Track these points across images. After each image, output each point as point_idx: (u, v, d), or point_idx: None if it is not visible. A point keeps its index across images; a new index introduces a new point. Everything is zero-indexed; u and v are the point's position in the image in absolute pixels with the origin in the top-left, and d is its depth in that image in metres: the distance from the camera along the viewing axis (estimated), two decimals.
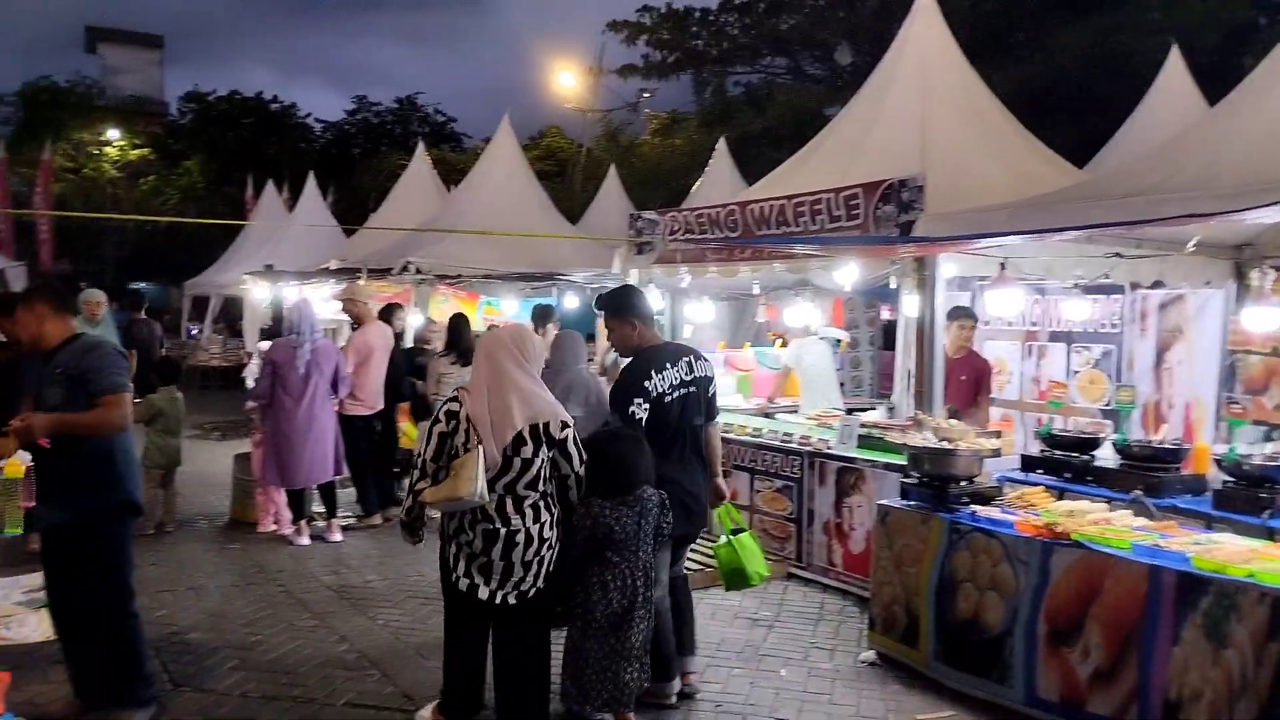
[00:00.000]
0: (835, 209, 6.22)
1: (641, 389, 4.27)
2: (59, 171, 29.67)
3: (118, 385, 4.00)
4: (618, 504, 3.90)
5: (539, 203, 13.18)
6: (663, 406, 4.32)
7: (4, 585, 5.89)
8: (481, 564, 3.83)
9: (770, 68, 22.04)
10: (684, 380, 4.43)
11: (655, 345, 4.56)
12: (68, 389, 3.97)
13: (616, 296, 4.69)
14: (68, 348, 4.08)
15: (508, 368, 3.91)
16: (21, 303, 4.25)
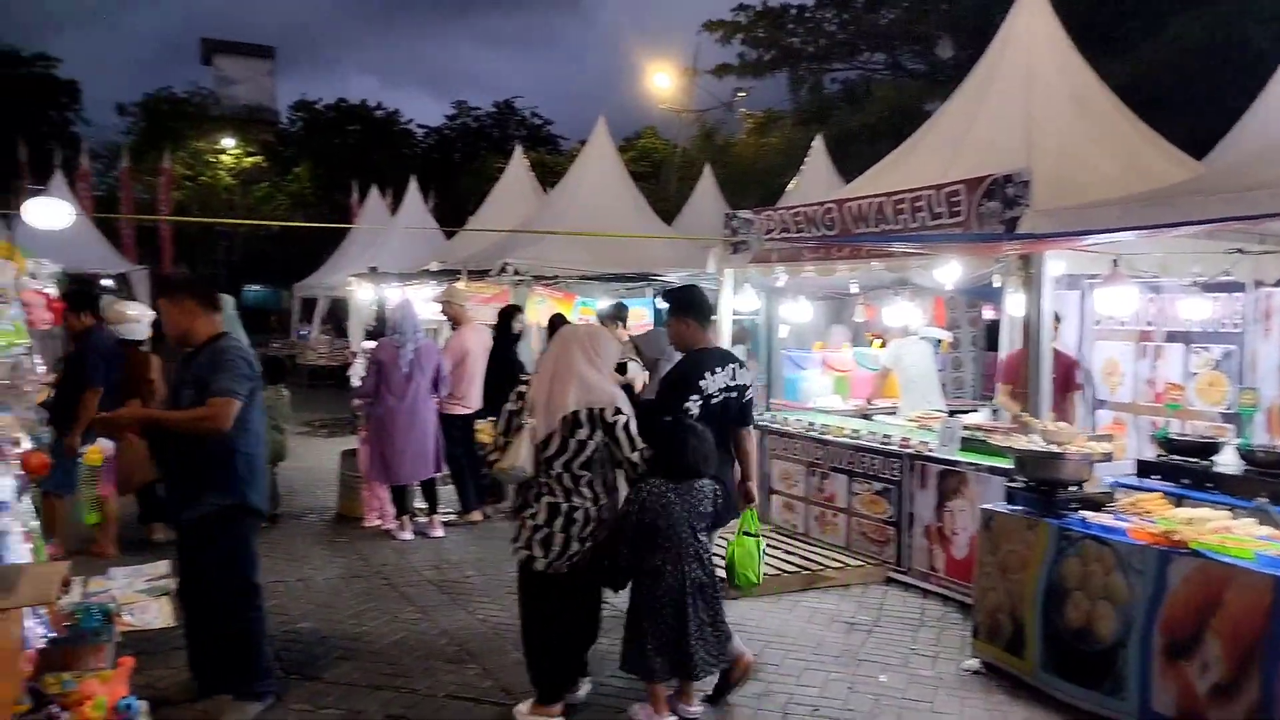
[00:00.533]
0: (936, 206, 6.08)
1: (696, 387, 4.49)
2: (178, 179, 31.07)
3: (225, 390, 4.06)
4: (671, 489, 4.12)
5: (634, 203, 13.22)
6: (709, 406, 4.52)
7: (127, 574, 6.18)
8: (542, 537, 4.13)
9: (868, 64, 21.67)
10: (728, 385, 4.63)
11: (707, 347, 4.75)
12: (196, 392, 4.12)
13: (681, 294, 4.88)
14: (208, 348, 4.20)
15: (575, 358, 4.20)
16: (168, 298, 4.33)
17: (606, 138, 13.70)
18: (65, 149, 27.27)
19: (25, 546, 3.87)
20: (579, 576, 4.19)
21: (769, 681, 4.76)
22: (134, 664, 4.09)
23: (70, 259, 18.89)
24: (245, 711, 4.20)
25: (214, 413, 4.03)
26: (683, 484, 4.15)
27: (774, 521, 7.65)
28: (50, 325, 4.51)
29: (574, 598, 4.26)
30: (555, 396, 4.15)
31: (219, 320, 4.35)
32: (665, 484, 4.14)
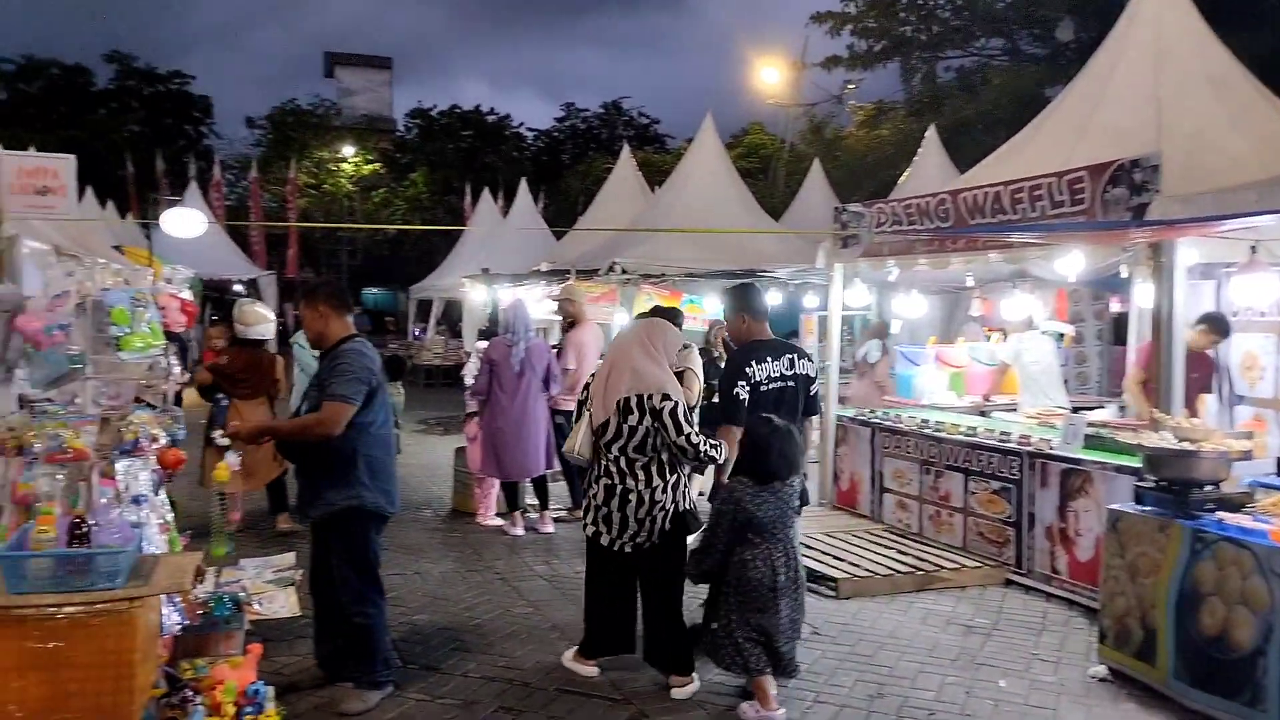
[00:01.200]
0: (1057, 194, 5.83)
1: (744, 374, 4.72)
2: (302, 188, 32.40)
3: (337, 395, 4.16)
4: (762, 489, 4.24)
5: (741, 200, 13.14)
6: (759, 394, 4.69)
7: (257, 565, 6.48)
8: (604, 514, 4.52)
9: (984, 50, 21.00)
10: (783, 374, 4.81)
11: (762, 340, 4.95)
12: (320, 392, 4.27)
13: (736, 293, 5.16)
14: (334, 350, 4.35)
15: (632, 349, 4.59)
16: (305, 302, 4.50)
17: (713, 135, 13.64)
18: (199, 161, 28.82)
19: (161, 537, 4.09)
20: (640, 556, 4.49)
21: (881, 683, 4.66)
22: (262, 651, 4.28)
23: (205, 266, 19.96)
24: (366, 700, 4.33)
25: (324, 418, 4.15)
26: (768, 485, 4.25)
27: (886, 520, 7.48)
28: (184, 328, 4.74)
29: (630, 574, 4.61)
30: (610, 385, 4.51)
31: (350, 322, 4.50)
32: (748, 486, 4.26)
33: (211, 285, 22.09)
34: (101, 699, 2.98)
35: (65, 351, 3.87)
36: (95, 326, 3.97)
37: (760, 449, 4.28)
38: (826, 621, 5.56)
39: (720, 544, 4.27)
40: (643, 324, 4.89)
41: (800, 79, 24.77)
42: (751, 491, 4.23)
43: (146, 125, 36.58)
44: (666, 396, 4.43)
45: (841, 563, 6.41)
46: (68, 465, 3.50)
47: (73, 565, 3.06)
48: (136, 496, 3.95)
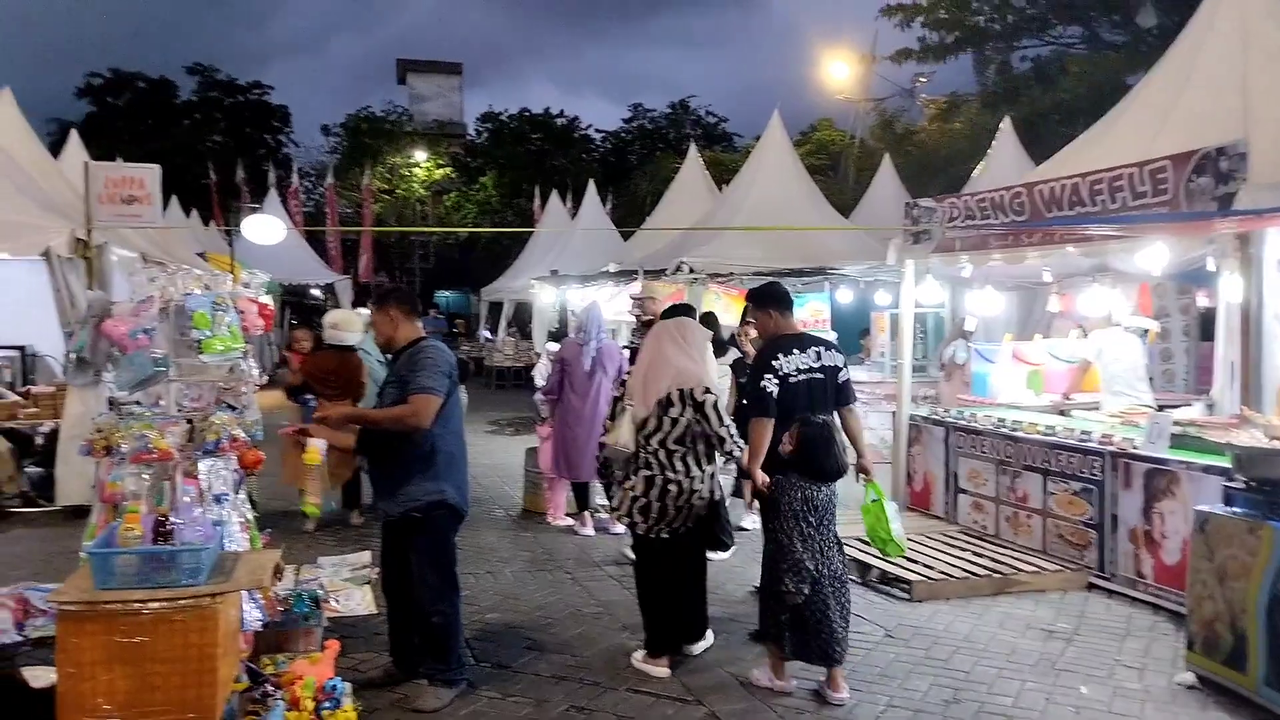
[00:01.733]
0: (1139, 184, 5.64)
1: (771, 367, 4.81)
2: (376, 193, 33.05)
3: (424, 388, 4.26)
4: (822, 486, 4.46)
5: (810, 197, 13.02)
6: (789, 386, 4.78)
7: (334, 563, 6.61)
8: (641, 505, 4.71)
9: (1061, 38, 20.43)
10: (811, 366, 4.88)
11: (789, 333, 5.05)
12: (399, 390, 4.35)
13: (762, 289, 5.29)
14: (409, 349, 4.45)
15: (666, 347, 4.86)
16: (377, 305, 4.63)
17: (781, 132, 13.55)
18: (278, 169, 29.61)
19: (242, 535, 4.19)
20: (681, 544, 4.73)
21: (957, 688, 4.56)
22: (339, 647, 4.37)
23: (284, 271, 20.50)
24: (440, 697, 4.39)
25: (415, 409, 4.23)
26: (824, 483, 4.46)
27: (961, 522, 7.33)
28: (262, 331, 4.86)
29: (677, 563, 4.81)
30: (651, 381, 4.77)
31: (420, 327, 4.60)
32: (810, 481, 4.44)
33: (289, 290, 22.68)
34: (185, 692, 3.07)
35: (150, 355, 3.99)
36: (178, 330, 4.08)
37: (815, 451, 4.42)
38: (900, 624, 5.47)
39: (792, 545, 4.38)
40: (673, 322, 5.07)
41: (870, 73, 24.43)
42: (806, 482, 4.44)
43: (228, 135, 37.74)
44: (708, 390, 4.76)
45: (915, 565, 6.29)
46: (153, 465, 3.62)
47: (158, 562, 3.16)
48: (218, 495, 4.06)
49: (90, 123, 33.42)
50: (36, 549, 7.13)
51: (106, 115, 35.99)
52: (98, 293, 7.06)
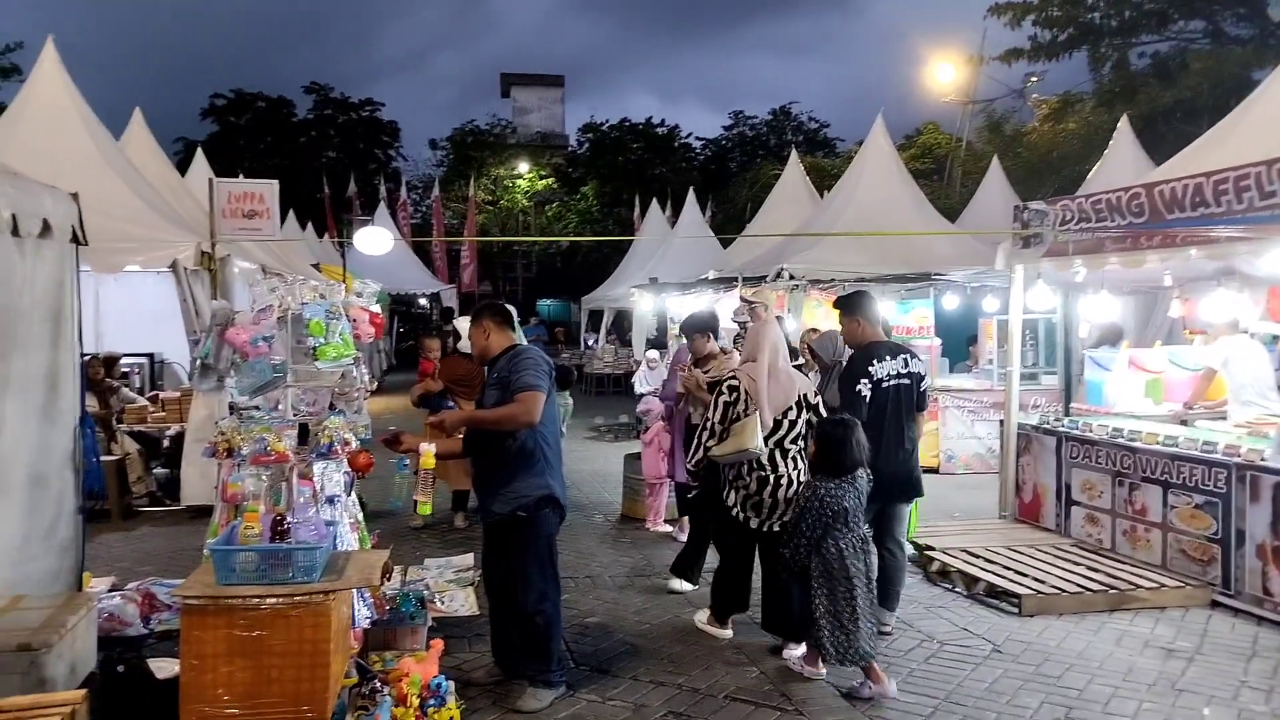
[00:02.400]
0: (1267, 183, 5.36)
1: (866, 372, 5.18)
2: (480, 204, 33.78)
3: (529, 384, 4.34)
4: (842, 482, 4.57)
5: (914, 201, 12.77)
6: (880, 390, 5.17)
7: (439, 565, 6.78)
8: (755, 503, 5.01)
9: (1183, 33, 19.57)
10: (899, 373, 5.25)
11: (877, 341, 5.40)
12: (500, 392, 4.45)
13: (850, 299, 5.54)
14: (505, 355, 4.58)
15: (781, 356, 5.12)
16: (472, 320, 4.80)
17: (884, 136, 13.33)
18: (388, 183, 30.57)
19: (352, 536, 4.34)
20: (775, 535, 4.94)
21: (1070, 706, 4.40)
22: (444, 646, 4.47)
23: (393, 281, 21.15)
24: (541, 698, 4.44)
25: (523, 407, 4.32)
26: (844, 478, 4.58)
27: (1074, 535, 7.06)
28: (373, 339, 5.03)
29: (764, 549, 5.14)
30: (774, 390, 4.99)
31: (512, 336, 4.74)
32: (828, 482, 4.58)
33: (397, 299, 23.37)
34: (300, 685, 3.19)
35: (269, 361, 4.17)
36: (295, 338, 4.25)
37: (836, 446, 4.60)
38: (1009, 639, 5.30)
39: (805, 536, 4.58)
40: (775, 333, 5.22)
41: (977, 75, 23.84)
42: (833, 484, 4.56)
43: (341, 150, 39.13)
44: (817, 393, 5.17)
45: (1024, 578, 6.09)
46: (271, 467, 3.78)
47: (275, 559, 3.30)
48: (331, 496, 4.21)
49: (214, 141, 35.06)
50: (162, 547, 7.50)
51: (229, 133, 37.71)
52: (221, 302, 7.43)
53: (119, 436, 8.85)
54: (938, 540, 6.98)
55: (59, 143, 8.59)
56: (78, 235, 4.57)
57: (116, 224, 8.09)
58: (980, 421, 10.78)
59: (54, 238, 4.37)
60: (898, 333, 11.52)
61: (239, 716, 3.17)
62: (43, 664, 3.56)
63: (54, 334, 4.41)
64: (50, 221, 4.29)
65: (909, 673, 4.84)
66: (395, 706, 3.72)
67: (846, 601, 4.47)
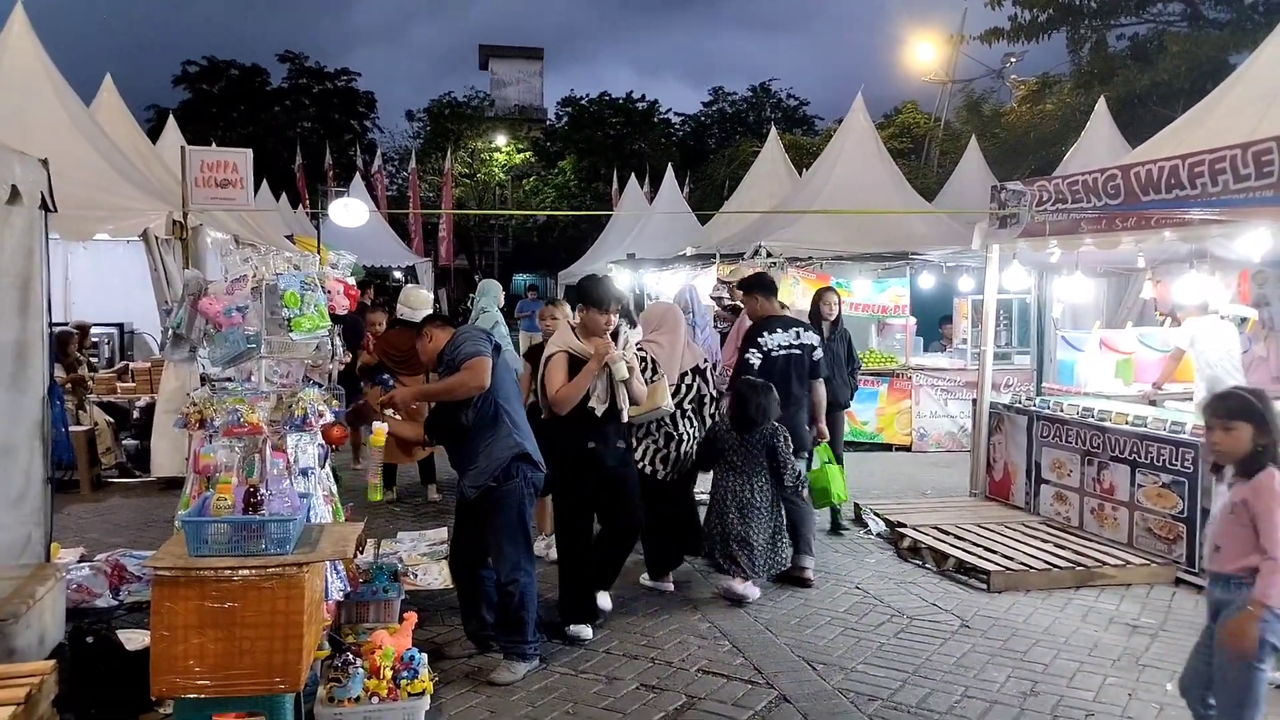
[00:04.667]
0: (1242, 167, 5.40)
1: (756, 343, 5.99)
2: (457, 177, 33.50)
3: (470, 353, 4.42)
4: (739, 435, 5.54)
5: (892, 181, 12.78)
6: (770, 359, 5.95)
7: (412, 538, 6.78)
8: (663, 456, 5.67)
9: (1161, 16, 19.65)
10: (791, 344, 6.05)
11: (772, 314, 6.23)
12: (450, 371, 4.50)
13: (752, 279, 6.50)
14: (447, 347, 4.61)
15: (683, 329, 5.96)
16: (419, 331, 4.86)
17: (864, 115, 13.32)
18: (364, 154, 30.24)
19: (326, 508, 4.32)
20: (680, 485, 5.76)
21: (1035, 680, 4.47)
22: (417, 619, 4.47)
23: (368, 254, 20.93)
24: (514, 671, 4.46)
25: (469, 373, 4.39)
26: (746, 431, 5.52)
27: (1043, 513, 7.15)
28: (348, 310, 4.99)
29: (677, 500, 5.77)
30: (677, 357, 5.73)
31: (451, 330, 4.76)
32: (733, 429, 5.57)
33: (373, 272, 23.16)
34: (272, 657, 3.18)
35: (243, 332, 4.13)
36: (269, 309, 4.21)
37: (743, 403, 5.55)
38: (977, 615, 5.37)
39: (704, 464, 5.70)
40: (679, 311, 6.09)
41: (956, 54, 23.85)
42: (732, 435, 5.57)
43: (317, 121, 38.64)
44: (705, 361, 5.99)
45: (993, 555, 6.17)
46: (244, 438, 3.75)
47: (248, 531, 3.28)
48: (304, 469, 4.19)
49: (186, 109, 34.54)
50: (132, 518, 7.45)
51: (202, 101, 37.14)
52: (194, 271, 7.32)
53: (88, 407, 8.75)
54: (909, 517, 7.05)
55: (28, 108, 8.42)
56: (47, 202, 4.48)
57: (87, 191, 7.97)
58: (953, 400, 10.87)
59: (23, 204, 4.29)
60: (873, 311, 11.61)
61: (210, 687, 3.16)
62: (10, 634, 3.53)
63: (22, 302, 4.34)
64: (19, 188, 4.20)
65: (879, 647, 4.90)
66: (368, 678, 3.73)
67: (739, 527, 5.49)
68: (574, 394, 4.76)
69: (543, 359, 4.98)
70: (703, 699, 4.28)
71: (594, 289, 4.99)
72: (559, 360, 4.84)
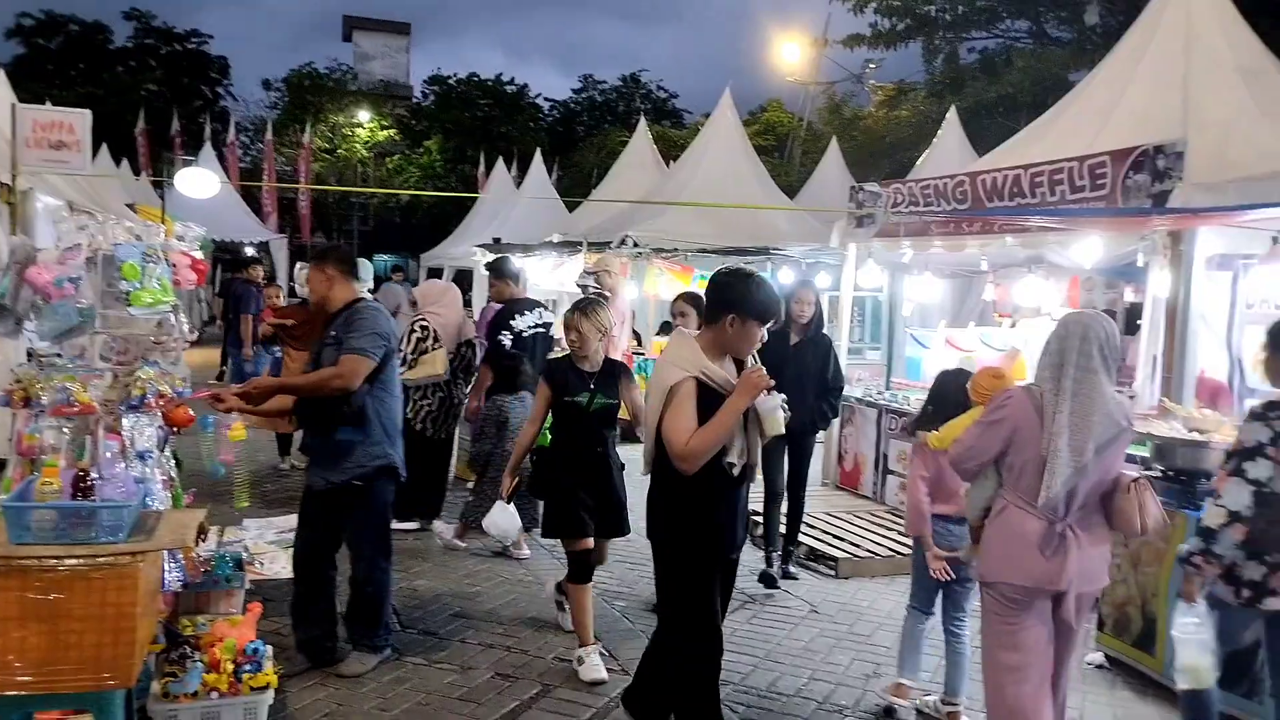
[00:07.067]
0: (1078, 179, 5.76)
1: (508, 325, 6.52)
2: (317, 152, 32.29)
3: (356, 349, 4.13)
4: (512, 399, 6.27)
5: (757, 177, 13.04)
6: (520, 339, 6.51)
7: (259, 525, 6.51)
8: (434, 418, 6.53)
9: (1009, 32, 20.70)
10: (536, 324, 6.64)
11: (519, 298, 6.79)
12: (336, 351, 4.20)
13: (497, 263, 7.06)
14: (345, 310, 4.31)
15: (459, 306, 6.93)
16: (314, 264, 4.49)
17: (731, 111, 13.53)
18: (215, 122, 28.75)
19: (165, 494, 4.08)
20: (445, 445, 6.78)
21: (878, 663, 4.68)
22: (262, 610, 4.30)
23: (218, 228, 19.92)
24: (365, 662, 4.35)
25: (343, 371, 4.10)
26: (516, 395, 6.28)
27: (889, 503, 7.46)
28: (194, 286, 4.72)
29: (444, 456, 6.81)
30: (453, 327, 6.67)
31: (358, 287, 4.48)
32: (503, 397, 6.29)
33: (223, 247, 22.10)
34: (101, 651, 2.99)
35: (75, 305, 3.85)
36: (106, 281, 3.94)
37: (513, 374, 6.30)
38: (825, 600, 5.56)
39: (489, 439, 6.29)
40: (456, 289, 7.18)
41: (821, 57, 24.53)
42: (508, 400, 6.27)
43: (163, 84, 36.48)
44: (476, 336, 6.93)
45: (842, 543, 6.40)
46: (74, 418, 3.50)
47: (76, 518, 3.06)
48: (142, 452, 3.94)
49: (19, 65, 32.01)
50: None
51: (37, 57, 34.53)
52: (22, 238, 6.79)
53: None
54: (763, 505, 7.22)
55: None
56: None
57: None
58: None
59: None
60: None
61: (33, 684, 2.95)
62: None
63: None
64: None
65: (732, 632, 4.99)
66: (207, 672, 3.56)
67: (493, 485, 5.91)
68: (714, 443, 3.29)
69: (658, 387, 3.42)
70: (557, 687, 4.28)
71: (752, 290, 3.39)
72: (688, 391, 3.32)
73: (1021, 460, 3.26)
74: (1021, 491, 3.27)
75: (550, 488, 4.59)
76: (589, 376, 4.55)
